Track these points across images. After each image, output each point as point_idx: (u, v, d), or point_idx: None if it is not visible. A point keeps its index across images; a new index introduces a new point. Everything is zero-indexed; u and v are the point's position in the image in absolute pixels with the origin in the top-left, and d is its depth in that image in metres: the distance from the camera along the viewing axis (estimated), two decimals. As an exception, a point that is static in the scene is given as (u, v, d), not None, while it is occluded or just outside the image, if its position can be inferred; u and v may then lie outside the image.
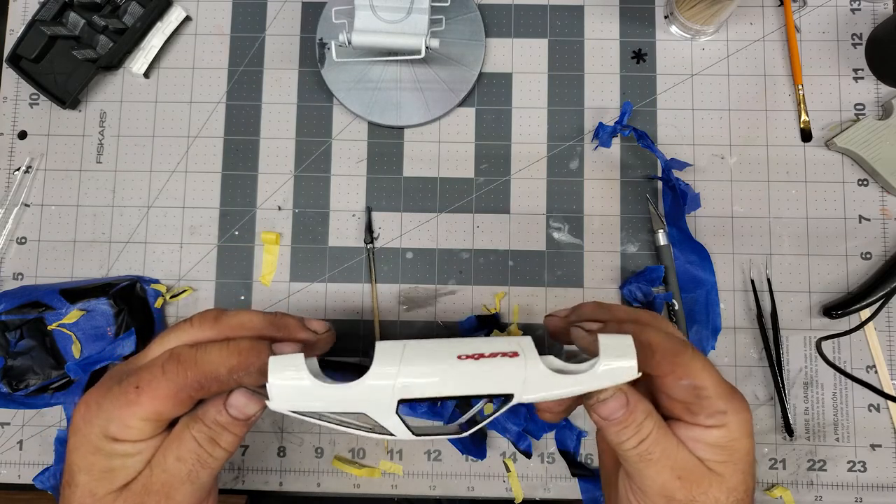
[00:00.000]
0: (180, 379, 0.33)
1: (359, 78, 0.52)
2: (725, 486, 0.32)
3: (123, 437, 0.33)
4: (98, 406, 0.33)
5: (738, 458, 0.33)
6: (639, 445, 0.32)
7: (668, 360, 0.33)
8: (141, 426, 0.33)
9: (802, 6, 0.53)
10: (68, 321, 0.48)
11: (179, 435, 0.34)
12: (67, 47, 0.51)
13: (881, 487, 0.48)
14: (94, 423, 0.33)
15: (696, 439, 0.33)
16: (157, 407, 0.33)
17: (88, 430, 0.33)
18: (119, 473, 0.33)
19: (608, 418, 0.33)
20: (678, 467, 0.32)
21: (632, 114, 0.51)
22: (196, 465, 0.33)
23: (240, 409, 0.34)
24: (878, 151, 0.50)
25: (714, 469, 0.33)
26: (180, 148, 0.53)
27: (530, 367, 0.31)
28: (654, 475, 0.32)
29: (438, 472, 0.50)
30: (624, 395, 0.32)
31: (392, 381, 0.30)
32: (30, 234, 0.52)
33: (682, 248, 0.50)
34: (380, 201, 0.52)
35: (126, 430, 0.33)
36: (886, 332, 0.50)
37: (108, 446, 0.33)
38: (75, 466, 0.33)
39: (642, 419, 0.32)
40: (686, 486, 0.32)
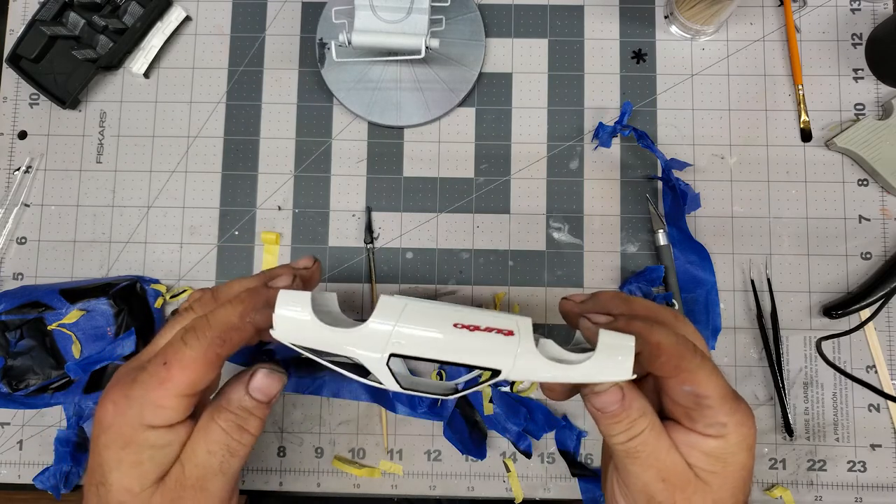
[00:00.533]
0: (203, 341, 0.33)
1: (359, 78, 0.52)
2: (711, 497, 0.32)
3: (158, 422, 0.33)
4: (127, 398, 0.33)
5: (731, 471, 0.32)
6: (627, 442, 0.32)
7: (673, 364, 0.32)
8: (175, 405, 0.33)
9: (802, 6, 0.53)
10: (68, 321, 0.48)
11: (206, 427, 0.34)
12: (67, 47, 0.51)
13: (881, 487, 0.48)
14: (127, 415, 0.33)
15: (691, 445, 0.33)
16: (190, 376, 0.33)
17: (121, 422, 0.33)
18: (151, 467, 0.33)
19: (601, 410, 0.33)
20: (664, 469, 0.32)
21: (632, 114, 0.51)
22: (226, 454, 0.34)
23: (262, 391, 0.35)
24: (878, 151, 0.50)
25: (702, 477, 0.32)
26: (180, 148, 0.53)
27: (522, 349, 0.31)
28: (639, 473, 0.32)
29: (438, 472, 0.50)
30: (619, 390, 0.32)
31: (386, 337, 0.31)
32: (30, 234, 0.52)
33: (682, 248, 0.50)
34: (380, 201, 0.52)
35: (161, 412, 0.33)
36: (886, 332, 0.50)
37: (141, 436, 0.33)
38: (106, 465, 0.33)
39: (636, 417, 0.32)
40: (669, 489, 0.32)
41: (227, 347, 0.34)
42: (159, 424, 0.33)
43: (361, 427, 0.50)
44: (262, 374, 0.35)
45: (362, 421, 0.50)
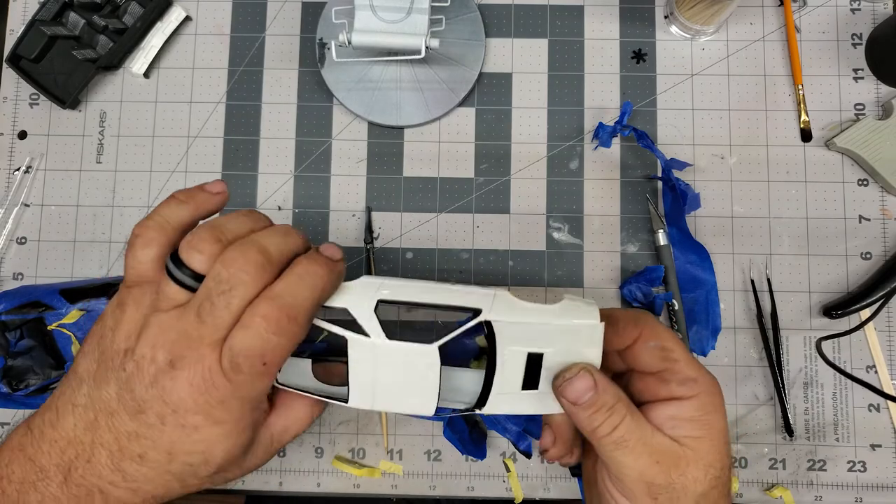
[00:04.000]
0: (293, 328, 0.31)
1: (359, 78, 0.52)
2: (703, 464, 0.33)
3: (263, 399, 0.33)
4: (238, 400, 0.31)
5: (714, 434, 0.33)
6: (613, 432, 0.32)
7: (632, 325, 0.35)
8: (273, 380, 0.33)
9: (802, 6, 0.53)
10: (68, 321, 0.48)
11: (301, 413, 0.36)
12: (67, 47, 0.51)
13: (881, 487, 0.48)
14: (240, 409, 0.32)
15: (673, 416, 0.33)
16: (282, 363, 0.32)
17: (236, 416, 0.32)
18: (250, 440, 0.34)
19: (577, 402, 0.33)
20: (655, 452, 0.32)
21: (632, 114, 0.51)
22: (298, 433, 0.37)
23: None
24: (878, 151, 0.50)
25: (691, 446, 0.33)
26: (180, 148, 0.53)
27: (500, 292, 0.34)
28: (632, 462, 0.32)
29: (438, 472, 0.50)
30: (589, 374, 0.33)
31: (375, 288, 0.34)
32: (30, 234, 0.52)
33: (682, 248, 0.50)
34: (380, 201, 0.52)
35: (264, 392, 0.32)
36: (886, 332, 0.50)
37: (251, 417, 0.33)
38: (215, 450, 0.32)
39: (613, 402, 0.33)
40: (664, 469, 0.32)
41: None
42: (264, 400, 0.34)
43: (361, 427, 0.50)
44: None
45: (362, 421, 0.50)
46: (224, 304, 0.30)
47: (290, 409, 0.36)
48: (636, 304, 0.49)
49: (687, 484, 0.32)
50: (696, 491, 0.32)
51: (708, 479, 0.33)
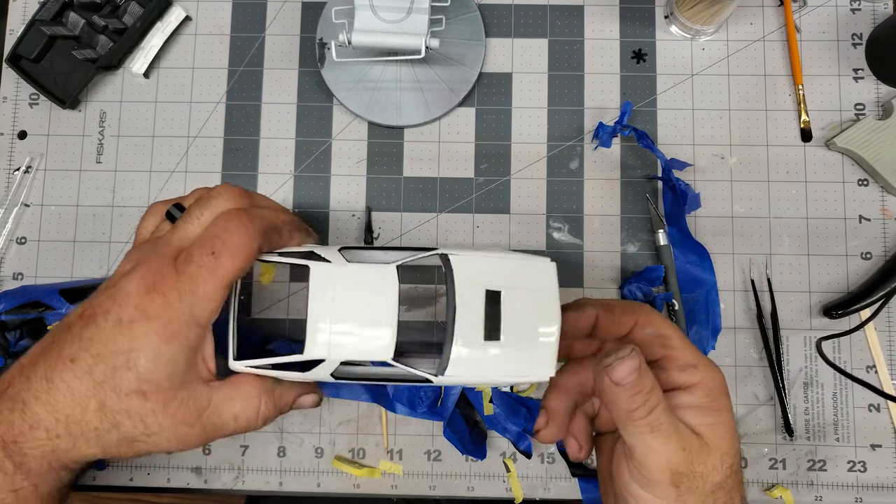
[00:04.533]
0: (251, 228, 0.34)
1: (359, 78, 0.52)
2: (719, 452, 0.33)
3: (204, 318, 0.34)
4: (178, 291, 0.33)
5: (724, 419, 0.34)
6: (650, 415, 0.32)
7: (628, 313, 0.35)
8: (220, 298, 0.34)
9: (802, 6, 0.53)
10: (68, 321, 0.48)
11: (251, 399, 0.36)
12: (67, 47, 0.51)
13: (881, 487, 0.48)
14: (176, 308, 0.33)
15: (682, 406, 0.34)
16: (239, 264, 0.34)
17: (170, 315, 0.33)
18: (183, 368, 0.34)
19: (620, 382, 0.32)
20: (682, 439, 0.33)
21: (632, 114, 0.51)
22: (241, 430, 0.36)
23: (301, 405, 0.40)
24: (878, 151, 0.50)
25: (705, 435, 0.33)
26: (180, 148, 0.53)
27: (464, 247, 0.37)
28: (662, 447, 0.32)
29: (438, 472, 0.50)
30: (638, 356, 0.33)
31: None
32: (30, 234, 0.52)
33: (682, 248, 0.50)
34: (380, 201, 0.52)
35: (209, 305, 0.33)
36: (886, 332, 0.50)
37: (186, 333, 0.33)
38: (140, 352, 0.33)
39: (651, 386, 0.33)
40: (688, 457, 0.33)
41: (266, 244, 0.36)
42: (205, 320, 0.34)
43: (361, 427, 0.50)
44: (312, 399, 0.39)
45: (362, 421, 0.50)
46: (196, 215, 0.35)
47: (239, 385, 0.36)
48: (636, 304, 0.49)
49: (706, 473, 0.33)
50: (714, 480, 0.33)
51: (724, 467, 0.33)
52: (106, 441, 0.34)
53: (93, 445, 0.33)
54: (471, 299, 0.35)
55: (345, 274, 0.36)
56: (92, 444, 0.33)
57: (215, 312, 0.34)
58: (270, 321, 0.51)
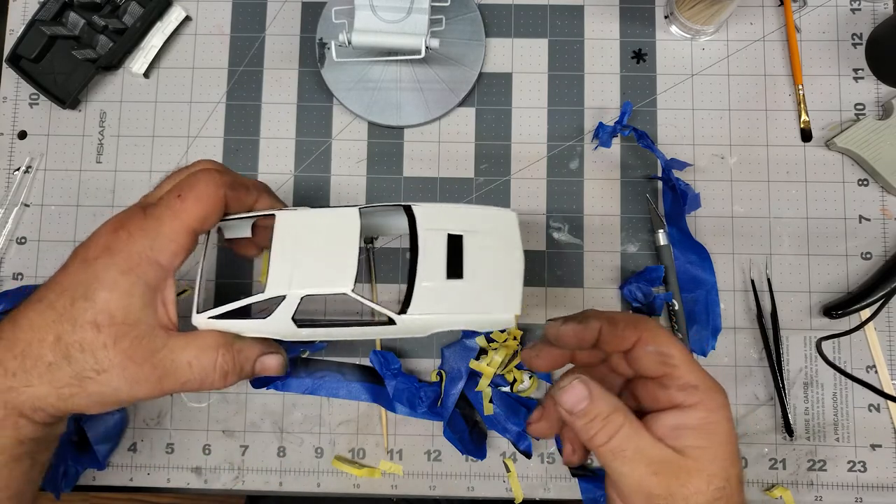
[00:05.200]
0: (216, 177, 0.36)
1: (359, 78, 0.52)
2: (705, 474, 0.32)
3: (165, 258, 0.34)
4: (141, 229, 0.34)
5: (718, 443, 0.33)
6: (609, 441, 0.32)
7: (631, 328, 0.34)
8: (184, 242, 0.35)
9: (802, 6, 0.53)
10: (68, 321, 0.48)
11: (207, 348, 0.35)
12: (67, 47, 0.51)
13: (881, 487, 0.48)
14: (138, 243, 0.34)
15: (676, 426, 0.33)
16: (204, 208, 0.35)
17: (130, 249, 0.34)
18: (139, 304, 0.34)
19: (572, 410, 0.33)
20: (654, 462, 0.32)
21: (632, 114, 0.51)
22: (197, 379, 0.35)
23: (265, 369, 0.38)
24: (878, 151, 0.50)
25: (692, 456, 0.32)
26: (180, 148, 0.53)
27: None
28: (629, 472, 0.32)
29: (438, 472, 0.50)
30: (583, 385, 0.33)
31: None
32: (30, 234, 0.52)
33: (682, 248, 0.50)
34: (380, 201, 0.52)
35: (170, 246, 0.34)
36: (886, 332, 0.50)
37: (145, 268, 0.34)
38: (98, 283, 0.34)
39: (608, 412, 0.32)
40: (663, 481, 0.32)
41: (232, 196, 0.37)
42: (165, 260, 0.35)
43: (361, 427, 0.50)
44: (276, 359, 0.38)
45: (362, 421, 0.50)
46: (173, 178, 0.37)
47: (197, 335, 0.36)
48: (636, 304, 0.49)
49: (688, 495, 0.32)
50: (697, 502, 0.32)
51: (711, 490, 0.32)
52: (58, 378, 0.33)
53: (45, 382, 0.33)
54: (432, 242, 0.36)
55: (307, 217, 0.37)
56: (45, 380, 0.33)
57: (177, 255, 0.35)
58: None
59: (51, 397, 0.34)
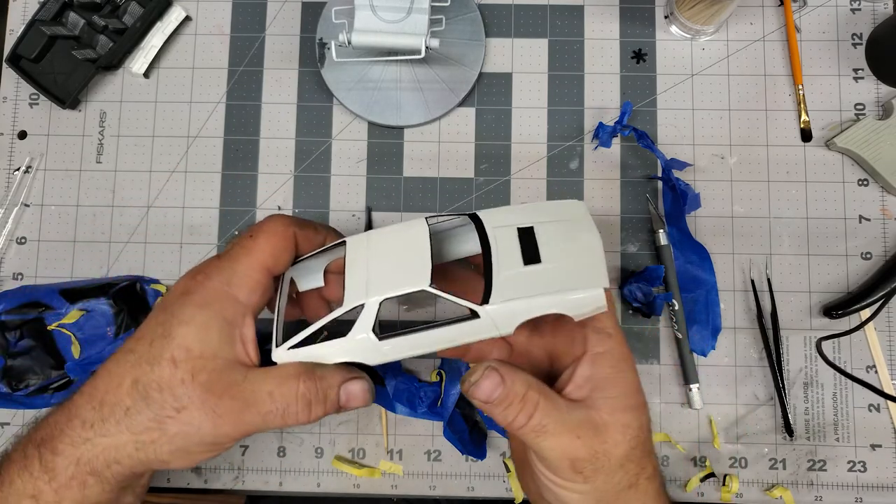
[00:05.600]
0: (285, 219, 0.37)
1: (359, 78, 0.52)
2: (619, 425, 0.33)
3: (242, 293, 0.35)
4: (217, 268, 0.35)
5: (626, 391, 0.34)
6: (529, 421, 0.32)
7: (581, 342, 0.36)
8: (259, 277, 0.35)
9: (802, 6, 0.53)
10: (68, 321, 0.48)
11: (288, 377, 0.34)
12: (67, 47, 0.51)
13: (881, 487, 0.48)
14: (214, 280, 0.34)
15: (589, 376, 0.34)
16: (275, 244, 0.36)
17: (206, 286, 0.34)
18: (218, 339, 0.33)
19: (488, 401, 0.33)
20: (574, 427, 0.33)
21: (632, 114, 0.51)
22: (278, 413, 0.34)
23: (350, 397, 0.36)
24: (878, 151, 0.50)
25: (604, 409, 0.33)
26: (180, 148, 0.53)
27: None
28: (555, 444, 0.33)
29: (438, 472, 0.50)
30: (495, 372, 0.33)
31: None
32: (30, 234, 0.52)
33: (682, 248, 0.50)
34: (380, 201, 0.52)
35: (246, 281, 0.35)
36: (886, 332, 0.50)
37: (222, 302, 0.34)
38: (176, 319, 0.33)
39: (523, 391, 0.33)
40: (586, 442, 0.33)
41: (301, 237, 0.38)
42: (243, 296, 0.35)
43: (361, 427, 0.50)
44: (361, 385, 0.36)
45: (362, 421, 0.50)
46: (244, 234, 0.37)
47: (276, 368, 0.35)
48: (636, 304, 0.49)
49: (609, 449, 0.33)
50: (618, 454, 0.33)
51: (627, 439, 0.33)
52: (137, 423, 0.32)
53: (123, 429, 0.32)
54: (503, 237, 0.35)
55: (376, 234, 0.37)
56: (122, 426, 0.32)
57: (254, 291, 0.35)
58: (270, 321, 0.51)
59: (128, 446, 0.33)
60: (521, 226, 0.36)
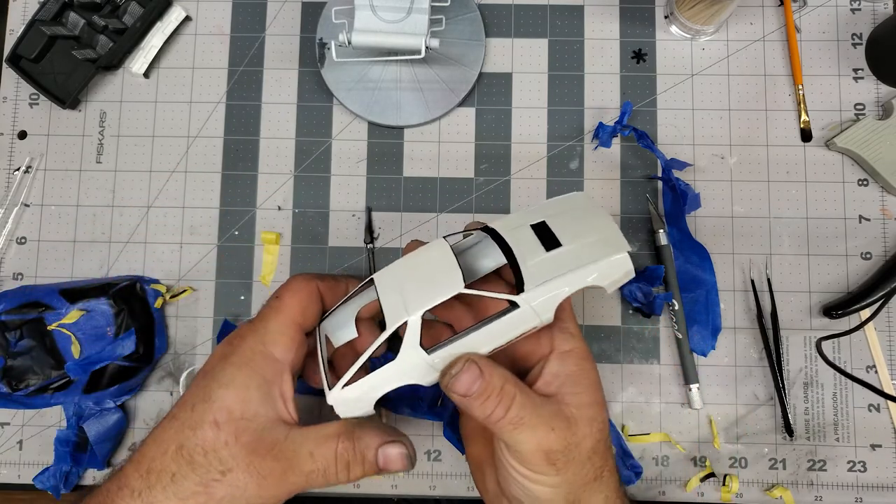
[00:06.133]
0: (308, 276, 0.39)
1: (359, 78, 0.52)
2: (586, 419, 0.34)
3: (278, 350, 0.36)
4: (252, 330, 0.37)
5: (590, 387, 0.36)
6: (507, 413, 0.33)
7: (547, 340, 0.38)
8: (291, 333, 0.36)
9: (802, 6, 0.53)
10: (68, 321, 0.48)
11: (327, 437, 0.34)
12: (67, 47, 0.51)
13: (881, 487, 0.48)
14: (249, 341, 0.36)
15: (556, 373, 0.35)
16: (300, 300, 0.37)
17: (244, 347, 0.36)
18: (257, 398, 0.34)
19: (467, 394, 0.33)
20: (548, 420, 0.34)
21: (632, 114, 0.51)
22: (320, 472, 0.34)
23: (387, 461, 0.36)
24: (878, 151, 0.50)
25: (572, 403, 0.34)
26: (180, 148, 0.53)
27: None
28: (530, 437, 0.33)
29: (438, 472, 0.50)
30: (475, 364, 0.33)
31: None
32: (30, 234, 0.52)
33: (682, 248, 0.50)
34: (380, 201, 0.52)
35: (279, 338, 0.36)
36: (886, 332, 0.50)
37: (259, 361, 0.35)
38: (216, 382, 0.34)
39: (500, 384, 0.33)
40: (560, 435, 0.33)
41: (325, 289, 0.39)
42: (280, 354, 0.36)
43: (361, 427, 0.50)
44: (399, 450, 0.36)
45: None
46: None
47: (316, 427, 0.35)
48: (636, 304, 0.49)
49: (579, 441, 0.34)
50: (586, 447, 0.34)
51: (594, 432, 0.34)
52: (183, 488, 0.32)
53: (169, 495, 0.32)
54: (519, 234, 0.36)
55: (402, 261, 0.38)
56: (169, 493, 0.32)
57: (289, 349, 0.36)
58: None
59: None
60: (533, 222, 0.37)
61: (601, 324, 0.50)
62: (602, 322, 0.50)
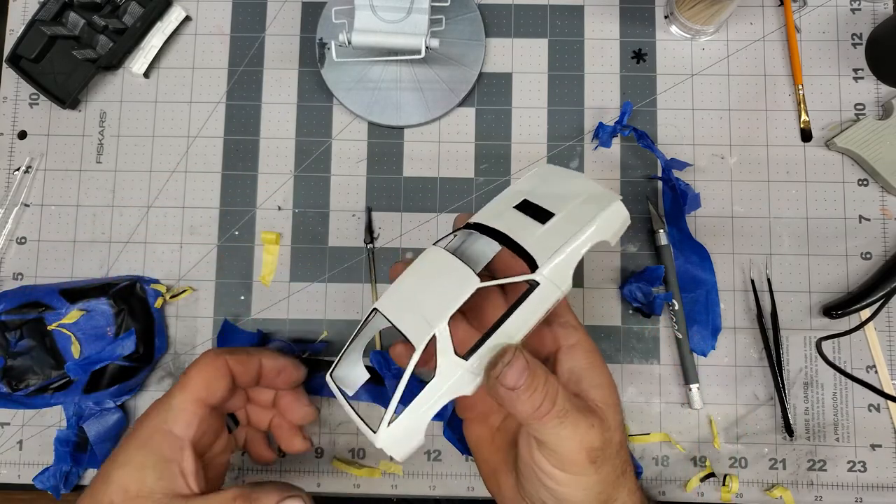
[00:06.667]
0: (215, 353, 0.40)
1: (359, 78, 0.52)
2: (612, 412, 0.34)
3: (178, 428, 0.37)
4: (156, 408, 0.38)
5: (606, 381, 0.35)
6: (554, 407, 0.32)
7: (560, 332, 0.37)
8: (193, 409, 0.37)
9: (802, 6, 0.53)
10: (68, 321, 0.48)
11: (223, 501, 0.35)
12: (67, 47, 0.51)
13: (881, 487, 0.48)
14: (152, 419, 0.38)
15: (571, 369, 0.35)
16: (205, 377, 0.38)
17: (145, 425, 0.37)
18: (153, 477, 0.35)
19: (516, 386, 0.31)
20: (587, 416, 0.33)
21: (632, 114, 0.51)
22: None
23: None
24: (878, 151, 0.50)
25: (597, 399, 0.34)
26: (180, 148, 0.53)
27: None
28: (572, 433, 0.32)
29: (438, 472, 0.49)
30: (522, 356, 0.32)
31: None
32: (30, 234, 0.52)
33: (682, 248, 0.50)
34: (380, 201, 0.52)
35: (181, 415, 0.37)
36: (886, 332, 0.50)
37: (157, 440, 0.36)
38: (115, 464, 0.36)
39: (545, 376, 0.32)
40: (598, 431, 0.32)
41: (234, 363, 0.40)
42: (180, 430, 0.37)
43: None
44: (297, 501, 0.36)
45: (362, 421, 0.50)
46: None
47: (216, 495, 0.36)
48: (636, 304, 0.49)
49: (612, 436, 0.33)
50: (616, 441, 0.34)
51: (619, 424, 0.34)
52: None
53: None
54: (507, 219, 0.36)
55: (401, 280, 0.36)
56: None
57: (191, 425, 0.37)
58: (270, 321, 0.51)
59: None
60: (515, 204, 0.37)
61: (601, 324, 0.50)
62: (602, 322, 0.50)
